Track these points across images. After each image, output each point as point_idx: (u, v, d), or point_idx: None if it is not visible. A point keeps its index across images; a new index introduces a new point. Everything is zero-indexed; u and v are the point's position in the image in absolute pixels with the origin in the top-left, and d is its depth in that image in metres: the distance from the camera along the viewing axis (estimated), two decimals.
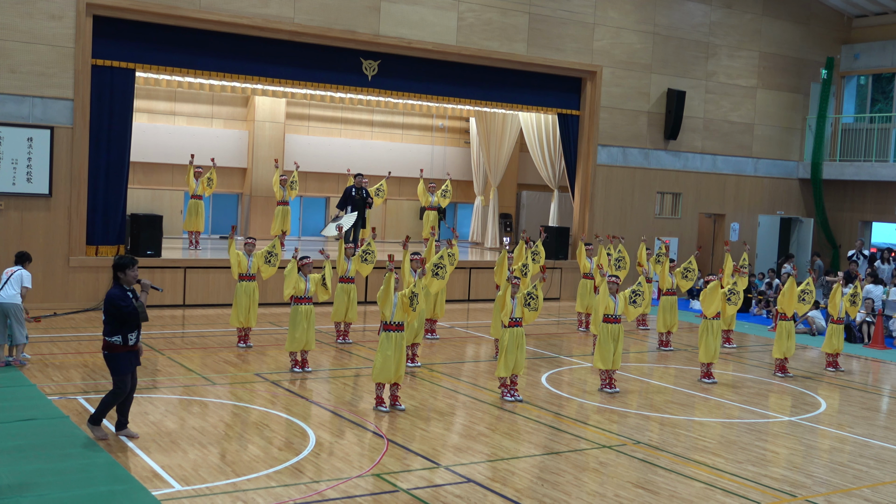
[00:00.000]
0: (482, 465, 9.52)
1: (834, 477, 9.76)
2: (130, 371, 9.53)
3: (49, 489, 7.95)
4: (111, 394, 9.52)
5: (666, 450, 10.37)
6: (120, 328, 9.35)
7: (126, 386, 9.50)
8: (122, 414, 9.68)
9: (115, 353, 9.42)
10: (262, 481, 8.55)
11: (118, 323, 9.33)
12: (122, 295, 9.32)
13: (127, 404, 9.69)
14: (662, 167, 24.65)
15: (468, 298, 21.41)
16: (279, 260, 14.90)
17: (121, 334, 9.36)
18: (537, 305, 12.16)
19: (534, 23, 22.09)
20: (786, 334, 14.85)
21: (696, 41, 24.84)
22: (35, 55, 16.95)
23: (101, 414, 9.56)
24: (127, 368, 9.48)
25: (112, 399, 9.52)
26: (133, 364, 9.56)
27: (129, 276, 9.41)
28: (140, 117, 22.01)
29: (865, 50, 27.05)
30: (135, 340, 9.46)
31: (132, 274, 9.41)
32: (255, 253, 14.69)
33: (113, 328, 9.37)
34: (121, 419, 9.68)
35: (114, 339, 9.38)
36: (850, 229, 27.13)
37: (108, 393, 9.58)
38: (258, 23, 18.77)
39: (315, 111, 25.43)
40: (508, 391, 12.28)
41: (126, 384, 9.49)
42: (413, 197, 26.35)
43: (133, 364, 9.56)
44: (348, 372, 13.70)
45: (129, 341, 9.41)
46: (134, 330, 9.43)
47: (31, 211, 17.20)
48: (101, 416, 9.56)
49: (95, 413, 9.59)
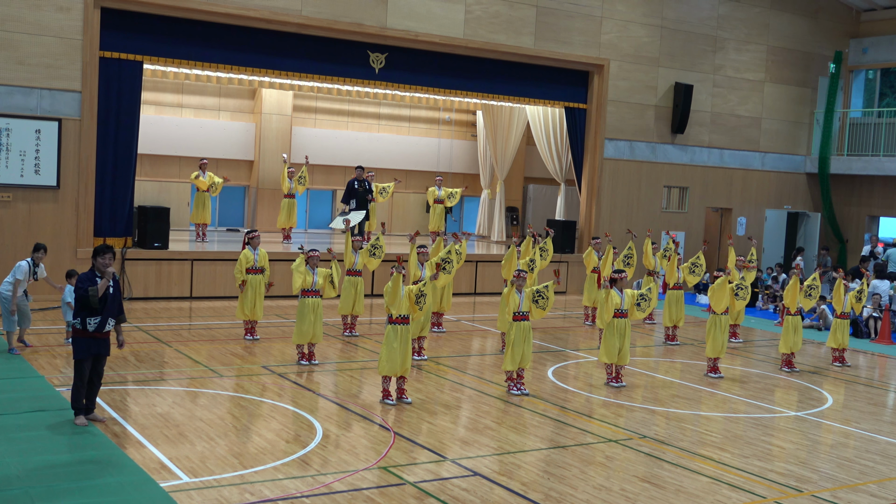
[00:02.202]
0: (488, 458, 9.54)
1: (840, 472, 9.76)
2: (87, 357, 9.57)
3: (58, 480, 7.99)
4: (74, 380, 9.65)
5: (672, 444, 10.38)
6: (80, 311, 9.51)
7: (82, 371, 9.55)
8: (88, 398, 9.77)
9: (76, 336, 9.61)
10: (269, 473, 8.58)
11: (79, 305, 9.49)
12: (85, 278, 9.51)
13: (93, 390, 9.77)
14: (669, 161, 24.62)
15: (475, 292, 21.43)
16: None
17: (80, 317, 9.51)
18: (546, 305, 12.16)
19: (541, 16, 22.05)
20: (792, 329, 14.83)
21: (704, 35, 24.77)
22: (43, 47, 16.98)
23: (72, 403, 9.67)
24: (83, 353, 9.55)
25: (74, 385, 9.63)
26: (91, 350, 9.59)
27: (98, 262, 9.55)
28: (147, 109, 22.04)
29: (874, 44, 26.95)
30: (95, 327, 9.49)
31: (101, 261, 9.53)
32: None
33: (75, 311, 9.59)
34: (87, 404, 9.77)
35: (75, 321, 9.58)
36: (858, 224, 27.07)
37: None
38: (265, 15, 18.77)
39: (322, 104, 25.43)
40: (515, 385, 12.29)
41: (82, 369, 9.56)
42: (420, 190, 26.43)
43: (91, 350, 9.59)
44: (355, 365, 13.73)
45: (88, 326, 9.48)
46: (94, 315, 9.47)
47: (39, 203, 17.25)
48: (73, 405, 9.66)
49: (70, 403, 9.73)
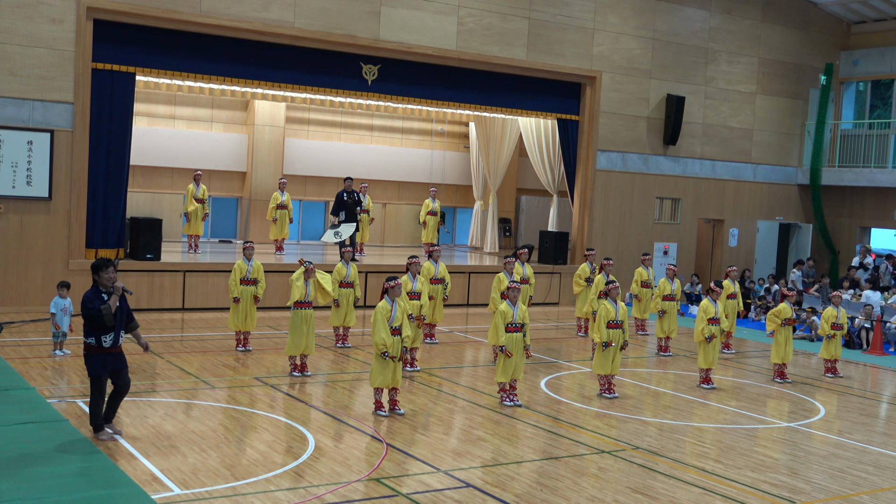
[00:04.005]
0: (481, 469, 9.52)
1: (833, 483, 9.76)
2: (105, 372, 9.57)
3: (48, 493, 7.95)
4: (91, 396, 9.64)
5: (665, 455, 10.38)
6: (92, 330, 9.47)
7: (101, 387, 9.56)
8: (111, 408, 9.78)
9: (90, 353, 9.56)
10: (261, 485, 8.55)
11: (90, 325, 9.44)
12: (92, 297, 9.43)
13: (115, 401, 9.76)
14: (662, 172, 24.69)
15: (467, 303, 21.42)
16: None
17: (94, 336, 9.47)
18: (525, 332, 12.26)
19: (533, 28, 22.12)
20: (783, 340, 14.86)
21: (696, 47, 24.88)
22: (35, 59, 16.97)
23: (92, 420, 9.65)
24: (100, 370, 9.53)
25: (92, 402, 9.62)
26: (108, 366, 9.58)
27: (103, 277, 9.49)
28: (140, 121, 22.03)
29: (864, 56, 27.09)
30: (111, 343, 9.49)
31: (106, 276, 9.48)
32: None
33: (87, 330, 9.52)
34: (107, 412, 9.76)
35: (88, 339, 9.52)
36: (849, 235, 27.15)
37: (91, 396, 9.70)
38: (258, 27, 18.79)
39: (315, 115, 25.45)
40: (508, 396, 12.28)
41: (100, 385, 9.56)
42: (412, 202, 26.48)
43: (108, 366, 9.58)
44: (347, 376, 13.70)
45: (104, 343, 9.47)
46: (108, 332, 9.47)
47: (31, 214, 17.21)
48: (93, 421, 9.65)
49: (90, 421, 9.69)
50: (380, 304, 11.20)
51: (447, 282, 15.91)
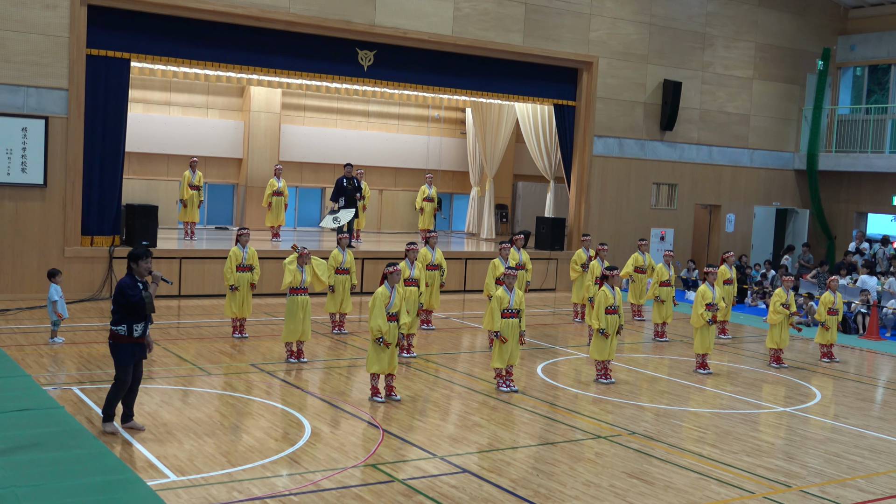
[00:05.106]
0: (477, 455, 9.53)
1: (829, 467, 9.78)
2: (132, 363, 9.49)
3: (44, 480, 7.94)
4: (113, 386, 9.52)
5: (661, 440, 10.39)
6: (125, 318, 9.33)
7: (127, 377, 9.47)
8: (127, 406, 9.67)
9: (119, 342, 9.41)
10: (257, 471, 8.56)
11: (125, 312, 9.32)
12: (132, 284, 9.30)
13: (131, 396, 9.68)
14: (658, 158, 24.65)
15: (464, 289, 21.42)
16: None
17: (126, 324, 9.34)
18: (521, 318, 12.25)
19: (530, 13, 22.04)
20: (779, 325, 14.87)
21: (693, 32, 24.80)
22: (29, 45, 16.89)
23: (108, 408, 9.54)
24: (129, 360, 9.44)
25: (115, 391, 9.50)
26: (136, 355, 9.52)
27: (141, 267, 9.36)
28: (135, 107, 21.96)
29: (862, 41, 27.03)
30: (140, 332, 9.42)
31: (144, 265, 9.36)
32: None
33: (120, 317, 9.36)
34: (126, 411, 9.67)
35: (118, 328, 9.37)
36: (846, 220, 27.16)
37: (112, 385, 9.57)
38: (253, 13, 18.71)
39: (311, 101, 25.38)
40: (504, 381, 12.29)
41: (127, 375, 9.46)
42: (409, 188, 26.44)
43: (136, 355, 9.52)
44: (343, 362, 13.71)
45: (135, 332, 9.37)
46: (140, 321, 9.39)
47: (26, 201, 17.16)
48: (108, 410, 9.54)
49: (104, 408, 9.57)
50: (378, 289, 11.20)
51: (444, 268, 15.92)
